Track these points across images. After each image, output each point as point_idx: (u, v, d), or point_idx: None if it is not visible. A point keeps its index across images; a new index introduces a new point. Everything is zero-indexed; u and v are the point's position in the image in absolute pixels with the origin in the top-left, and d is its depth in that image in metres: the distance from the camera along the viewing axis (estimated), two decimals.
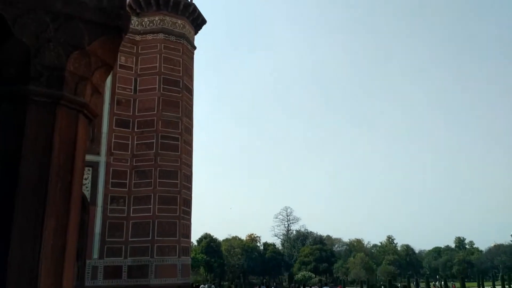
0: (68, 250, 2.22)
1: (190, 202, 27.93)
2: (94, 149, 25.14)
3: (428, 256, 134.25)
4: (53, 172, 2.33)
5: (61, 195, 2.29)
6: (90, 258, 23.84)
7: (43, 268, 2.12)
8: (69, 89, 2.46)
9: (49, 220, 2.22)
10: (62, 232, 2.23)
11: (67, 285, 2.14)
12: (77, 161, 2.42)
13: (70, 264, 2.23)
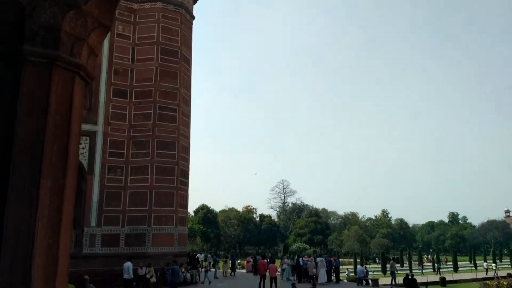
0: (65, 210, 2.23)
1: (187, 173, 28.04)
2: (91, 119, 25.04)
3: (422, 230, 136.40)
4: (49, 133, 2.32)
5: (57, 156, 2.29)
6: (88, 226, 24.08)
7: (40, 228, 2.13)
8: (65, 49, 2.42)
9: (45, 181, 2.22)
10: (59, 193, 2.24)
11: (64, 245, 2.16)
12: (73, 123, 2.41)
13: (68, 225, 2.25)
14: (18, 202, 2.11)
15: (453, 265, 57.61)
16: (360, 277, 26.27)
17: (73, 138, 2.32)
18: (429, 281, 37.07)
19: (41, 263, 2.08)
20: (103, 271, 22.46)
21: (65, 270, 2.19)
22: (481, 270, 54.82)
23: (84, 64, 2.57)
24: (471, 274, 48.58)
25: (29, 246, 2.09)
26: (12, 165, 2.17)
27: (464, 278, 43.82)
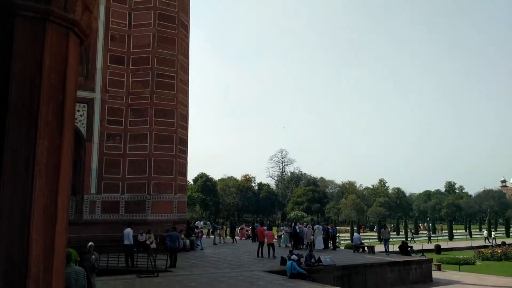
0: (63, 169, 2.20)
1: (186, 141, 28.03)
2: (88, 86, 24.80)
3: (418, 199, 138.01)
4: (45, 91, 2.26)
5: (53, 115, 2.24)
6: (88, 193, 24.25)
7: (38, 188, 2.10)
8: (58, 4, 2.33)
9: (42, 140, 2.18)
10: (56, 152, 2.20)
11: (62, 203, 2.14)
12: (69, 81, 2.35)
13: (66, 184, 2.22)
14: (14, 162, 2.08)
15: (449, 233, 58.55)
16: (356, 244, 26.71)
17: (69, 95, 2.27)
18: (425, 248, 37.76)
19: (40, 221, 2.06)
20: (103, 237, 22.75)
21: (63, 228, 2.17)
22: (475, 239, 55.81)
23: (79, 21, 2.48)
24: (466, 242, 49.44)
25: (27, 205, 2.07)
26: (7, 124, 2.12)
27: (459, 246, 44.62)
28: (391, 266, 20.67)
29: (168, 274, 16.58)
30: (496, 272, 26.38)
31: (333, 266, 18.76)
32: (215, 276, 15.98)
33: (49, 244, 2.09)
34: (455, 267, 28.55)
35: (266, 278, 15.62)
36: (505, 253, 34.34)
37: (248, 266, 18.92)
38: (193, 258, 21.88)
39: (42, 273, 2.03)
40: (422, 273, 21.68)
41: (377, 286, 18.72)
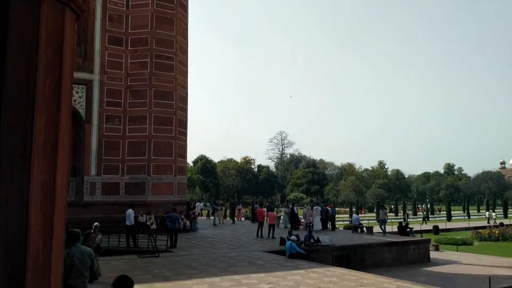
0: (61, 146, 2.19)
1: (185, 123, 27.97)
2: (87, 67, 24.62)
3: (417, 180, 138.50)
4: (41, 67, 2.23)
5: (50, 91, 2.22)
6: (88, 174, 24.31)
7: (35, 164, 2.09)
8: None
9: (39, 116, 2.17)
10: (53, 128, 2.18)
11: (61, 179, 2.13)
12: (65, 57, 2.32)
13: (64, 160, 2.21)
14: (12, 138, 2.06)
15: (447, 214, 58.96)
16: (355, 224, 26.91)
17: (66, 71, 2.24)
18: (423, 229, 38.08)
19: (38, 198, 2.06)
20: (103, 219, 22.85)
21: (62, 205, 2.17)
22: (473, 220, 56.22)
23: None
24: (464, 223, 49.82)
25: (25, 181, 2.06)
26: (4, 101, 2.10)
27: (457, 227, 44.99)
28: (389, 246, 20.87)
29: (169, 254, 16.75)
30: (494, 252, 26.66)
31: (332, 246, 18.93)
32: (215, 256, 16.14)
33: (48, 220, 2.09)
34: (453, 247, 28.84)
35: (266, 258, 15.77)
36: (502, 234, 34.66)
37: (248, 246, 19.09)
38: (193, 239, 22.06)
39: (41, 249, 2.04)
40: (420, 253, 21.89)
41: (376, 266, 18.91)
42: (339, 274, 12.87)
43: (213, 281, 11.57)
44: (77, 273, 5.91)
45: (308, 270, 13.35)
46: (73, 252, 5.92)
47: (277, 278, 11.93)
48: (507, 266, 20.75)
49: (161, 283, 11.31)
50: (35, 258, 2.06)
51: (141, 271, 13.12)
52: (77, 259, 5.93)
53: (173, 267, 13.93)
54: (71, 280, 5.83)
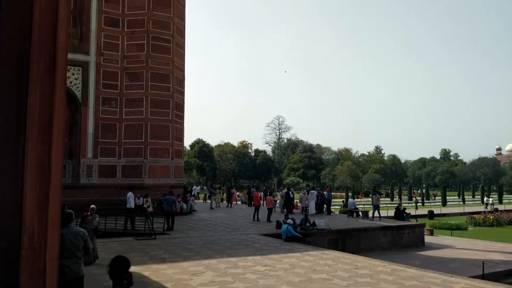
0: (56, 122, 2.15)
1: (182, 107, 27.85)
2: (83, 48, 24.38)
3: (413, 166, 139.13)
4: (35, 43, 2.18)
5: (44, 67, 2.17)
6: (84, 157, 24.27)
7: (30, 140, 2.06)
8: None
9: (33, 92, 2.13)
10: (48, 105, 2.15)
11: (56, 155, 2.10)
12: (60, 32, 2.27)
13: (59, 136, 2.17)
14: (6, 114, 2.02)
15: (442, 199, 59.37)
16: (351, 209, 27.06)
17: (60, 47, 2.19)
18: (418, 214, 38.35)
19: (33, 173, 2.03)
20: (100, 201, 22.93)
21: (58, 181, 2.14)
22: (468, 205, 56.64)
23: None
24: (459, 208, 50.19)
25: (19, 156, 2.03)
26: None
27: (452, 212, 45.32)
28: (384, 230, 21.03)
29: (166, 236, 16.83)
30: (488, 237, 26.92)
31: (328, 230, 19.06)
32: (211, 239, 16.22)
33: (44, 197, 2.07)
34: (447, 232, 29.10)
35: (262, 241, 15.88)
36: (497, 219, 34.96)
37: (244, 229, 19.20)
38: (190, 222, 22.15)
39: (36, 226, 2.02)
40: (415, 237, 22.09)
41: (371, 249, 19.08)
42: (334, 257, 12.98)
43: (210, 263, 11.65)
44: (70, 253, 5.94)
45: (303, 253, 13.46)
46: (65, 233, 5.93)
47: (273, 261, 12.02)
48: (500, 251, 20.98)
49: (157, 265, 11.38)
50: (30, 236, 2.04)
51: (138, 252, 13.18)
52: (69, 240, 5.94)
53: (169, 249, 14.01)
54: (64, 260, 5.85)
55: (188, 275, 10.19)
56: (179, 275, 10.14)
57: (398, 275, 10.33)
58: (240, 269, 10.92)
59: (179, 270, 10.77)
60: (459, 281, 9.74)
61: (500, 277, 15.44)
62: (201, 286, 9.11)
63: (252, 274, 10.27)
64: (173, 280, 9.64)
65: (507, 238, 25.35)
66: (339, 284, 9.35)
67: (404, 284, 9.42)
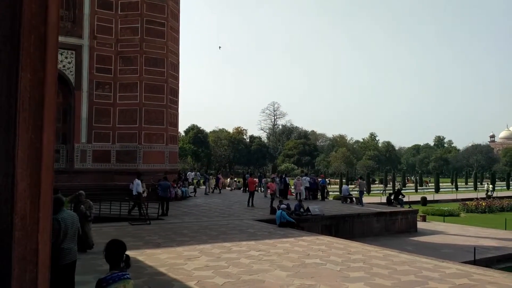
0: (47, 104, 2.12)
1: (177, 92, 27.67)
2: (76, 31, 24.07)
3: (407, 153, 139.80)
4: (25, 22, 2.14)
5: (35, 47, 2.13)
6: (78, 142, 24.14)
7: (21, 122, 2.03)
8: None
9: (24, 73, 2.09)
10: (39, 86, 2.11)
11: (48, 138, 2.07)
12: (51, 11, 2.22)
13: (50, 118, 2.14)
14: None
15: (435, 186, 59.79)
16: (345, 195, 27.23)
17: (51, 26, 2.14)
18: (411, 200, 38.67)
19: (25, 156, 2.00)
20: (94, 186, 22.90)
21: (50, 164, 2.12)
22: (461, 192, 57.12)
23: None
24: (452, 195, 50.61)
25: (11, 139, 2.00)
26: None
27: (445, 198, 45.70)
28: (378, 216, 21.20)
29: (160, 222, 16.88)
30: (480, 223, 27.22)
31: (321, 215, 19.19)
32: (206, 224, 16.29)
33: (36, 179, 2.05)
34: (440, 218, 29.38)
35: (256, 226, 15.97)
36: (489, 206, 35.32)
37: (239, 215, 19.29)
38: (184, 207, 22.21)
39: (29, 208, 2.00)
40: (408, 223, 22.30)
41: (364, 235, 19.26)
42: (328, 242, 13.09)
43: (204, 248, 11.71)
44: (72, 236, 6.10)
45: (297, 238, 13.56)
46: (64, 217, 6.05)
47: (267, 246, 12.10)
48: (492, 237, 21.24)
49: (152, 250, 11.43)
50: (22, 216, 2.03)
51: (133, 237, 13.22)
52: (69, 223, 6.07)
53: (164, 234, 14.06)
54: (66, 243, 5.96)
55: (183, 259, 10.24)
56: (173, 260, 10.20)
57: (391, 260, 10.44)
58: (234, 254, 11.00)
59: (173, 255, 10.82)
60: (450, 266, 9.87)
61: (491, 262, 15.66)
62: (195, 271, 9.16)
63: (246, 259, 10.34)
64: (167, 265, 9.69)
65: (499, 224, 25.64)
66: (332, 269, 9.44)
67: (396, 269, 9.52)
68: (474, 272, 9.25)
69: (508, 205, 36.09)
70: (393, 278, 8.63)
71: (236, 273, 8.97)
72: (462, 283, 8.32)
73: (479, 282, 8.33)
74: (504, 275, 9.17)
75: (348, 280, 8.52)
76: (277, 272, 9.11)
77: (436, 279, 8.57)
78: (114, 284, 3.68)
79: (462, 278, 8.67)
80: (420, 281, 8.42)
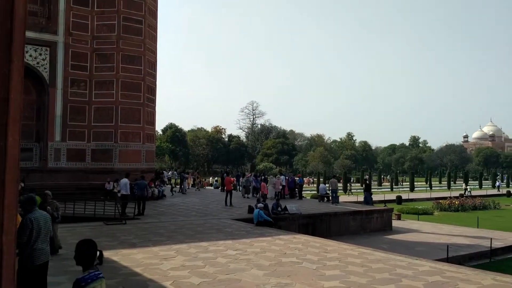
0: (13, 102, 2.06)
1: (154, 90, 27.39)
2: (50, 28, 23.56)
3: (383, 152, 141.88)
4: None
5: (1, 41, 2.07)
6: (52, 140, 23.64)
7: None
8: None
9: None
10: (4, 83, 2.05)
11: (13, 137, 2.01)
12: (17, 5, 2.16)
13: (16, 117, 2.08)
14: None
15: (410, 185, 60.84)
16: (322, 194, 27.45)
17: (18, 22, 2.09)
18: (387, 199, 39.28)
19: None
20: (69, 185, 22.50)
21: (15, 164, 2.06)
22: (435, 190, 58.30)
23: None
24: (426, 193, 51.59)
25: None
26: None
27: (419, 197, 46.57)
28: (354, 215, 21.44)
29: (136, 221, 16.66)
30: (453, 221, 27.82)
31: (299, 214, 19.28)
32: (183, 224, 16.17)
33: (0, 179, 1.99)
34: (414, 216, 29.90)
35: (233, 226, 15.94)
36: (462, 204, 36.14)
37: (216, 214, 19.21)
38: (161, 207, 22.00)
39: None
40: (383, 221, 22.62)
41: (340, 233, 19.44)
42: (304, 241, 13.16)
43: (180, 247, 11.62)
44: (45, 237, 6.00)
45: (274, 237, 13.59)
46: (37, 216, 5.96)
47: (244, 245, 12.09)
48: (465, 235, 21.72)
49: (127, 250, 11.28)
50: None
51: (107, 237, 13.02)
52: (42, 223, 5.96)
53: (140, 234, 13.89)
54: (39, 244, 5.87)
55: (159, 259, 10.15)
56: (149, 260, 10.09)
57: (366, 258, 10.56)
58: (211, 253, 10.95)
59: (149, 254, 10.71)
60: (423, 264, 10.05)
61: (463, 260, 16.01)
62: (171, 271, 9.08)
63: (223, 258, 10.31)
64: (143, 265, 9.58)
65: (471, 223, 26.26)
66: (308, 268, 9.49)
67: (371, 267, 9.64)
68: (446, 270, 9.44)
69: (481, 204, 37.01)
70: (368, 276, 8.74)
71: (212, 273, 8.93)
72: (435, 280, 8.48)
73: (452, 279, 8.50)
74: (475, 272, 9.39)
75: (323, 278, 8.59)
76: (254, 271, 9.11)
77: (410, 277, 8.72)
78: (93, 283, 3.62)
79: (435, 276, 8.83)
80: (394, 279, 8.55)
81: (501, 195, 51.20)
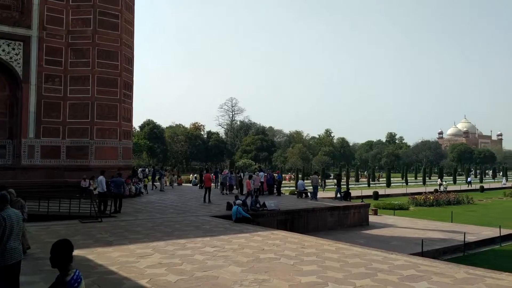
0: None
1: (131, 86, 27.04)
2: (24, 22, 22.97)
3: (361, 149, 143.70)
4: None
5: None
6: (26, 137, 23.10)
7: None
8: None
9: None
10: None
11: None
12: None
13: None
14: None
15: (386, 181, 61.78)
16: (300, 190, 27.60)
17: None
18: (364, 195, 39.76)
19: None
20: (43, 183, 22.07)
21: None
22: (411, 186, 59.33)
23: None
24: (402, 189, 52.43)
25: None
26: None
27: (396, 192, 47.28)
28: (331, 210, 21.64)
29: (112, 219, 16.44)
30: (428, 216, 28.37)
31: (277, 210, 19.36)
32: (160, 221, 16.04)
33: None
34: (391, 211, 30.38)
35: (212, 222, 15.89)
36: (436, 200, 36.87)
37: (195, 211, 19.13)
38: (138, 204, 21.78)
39: None
40: (360, 217, 22.91)
41: (318, 229, 19.61)
42: (282, 236, 13.22)
43: (157, 245, 11.52)
44: (17, 235, 5.87)
45: (252, 234, 13.60)
46: (9, 214, 5.81)
47: (222, 242, 12.07)
48: (439, 229, 22.17)
49: (103, 248, 11.12)
50: None
51: (83, 236, 12.82)
52: (14, 221, 5.83)
53: (116, 232, 13.71)
54: (11, 242, 5.73)
55: (135, 257, 10.03)
56: (125, 258, 9.97)
57: (343, 253, 10.68)
58: (189, 250, 10.89)
59: (125, 252, 10.58)
60: (399, 258, 10.22)
61: (438, 254, 16.35)
62: (148, 268, 9.00)
63: (201, 255, 10.27)
64: (119, 263, 9.46)
65: (445, 217, 26.82)
66: (286, 263, 9.54)
67: (348, 261, 9.75)
68: (421, 264, 9.62)
69: (455, 199, 37.82)
70: (345, 271, 8.84)
71: (189, 270, 8.88)
72: (409, 274, 8.63)
73: (426, 273, 8.67)
74: (449, 266, 9.60)
75: (301, 273, 8.64)
76: (232, 268, 9.10)
77: (385, 271, 8.85)
78: (82, 283, 3.58)
79: (410, 269, 8.99)
80: (370, 273, 8.67)
81: (475, 190, 52.43)
